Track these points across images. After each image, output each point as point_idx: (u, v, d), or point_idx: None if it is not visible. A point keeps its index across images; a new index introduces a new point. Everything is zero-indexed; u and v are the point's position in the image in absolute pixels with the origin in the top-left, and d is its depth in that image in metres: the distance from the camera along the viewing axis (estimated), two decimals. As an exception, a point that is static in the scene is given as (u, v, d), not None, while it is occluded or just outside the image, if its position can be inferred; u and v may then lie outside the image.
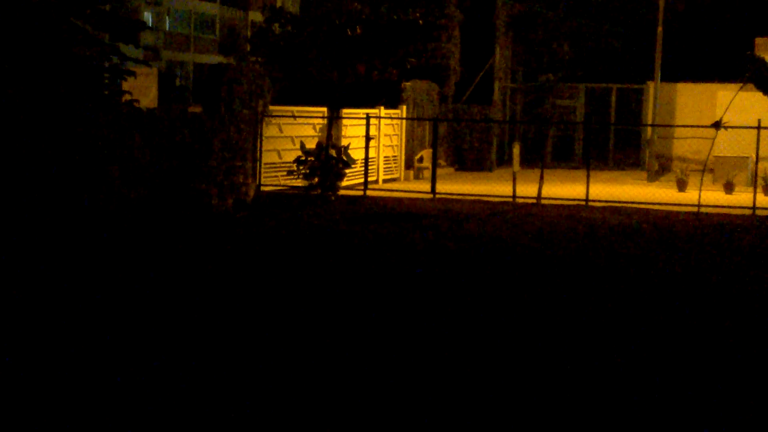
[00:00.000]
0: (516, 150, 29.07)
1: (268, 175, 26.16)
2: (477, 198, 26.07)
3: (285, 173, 25.86)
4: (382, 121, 30.51)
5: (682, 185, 29.22)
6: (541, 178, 25.99)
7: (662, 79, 35.82)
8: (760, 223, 22.04)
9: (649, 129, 35.66)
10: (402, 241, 18.17)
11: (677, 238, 19.24)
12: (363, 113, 28.16)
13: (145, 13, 62.43)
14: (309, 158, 24.64)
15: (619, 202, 24.96)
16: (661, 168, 34.61)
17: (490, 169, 36.99)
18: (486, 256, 16.88)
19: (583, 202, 24.66)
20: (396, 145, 32.54)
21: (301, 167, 24.87)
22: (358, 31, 26.08)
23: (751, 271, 15.46)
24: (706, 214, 23.04)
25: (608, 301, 12.88)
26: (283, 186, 26.06)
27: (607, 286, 14.21)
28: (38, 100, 17.90)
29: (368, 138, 27.80)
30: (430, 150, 31.15)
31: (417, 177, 32.49)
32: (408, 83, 32.93)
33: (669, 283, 14.48)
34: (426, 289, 13.63)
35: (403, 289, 13.55)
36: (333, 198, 24.62)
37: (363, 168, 27.86)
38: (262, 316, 11.68)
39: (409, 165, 33.10)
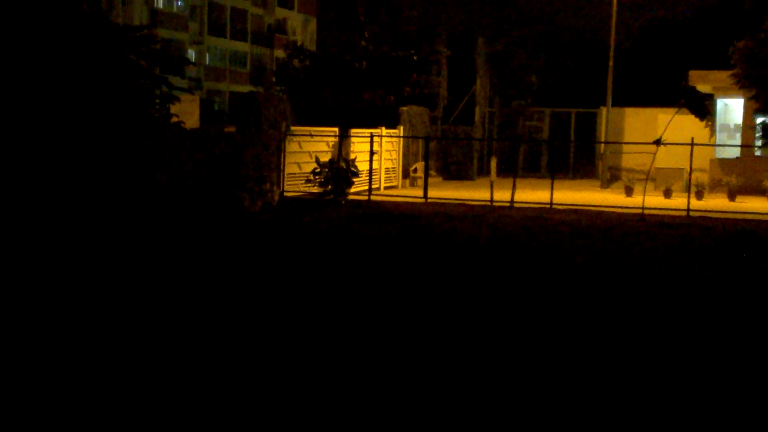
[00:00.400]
0: (493, 163, 29.54)
1: (290, 183, 26.26)
2: (461, 202, 26.50)
3: (304, 181, 26.03)
4: (383, 138, 30.67)
5: (629, 191, 29.52)
6: (514, 185, 26.32)
7: (613, 105, 35.80)
8: (691, 221, 22.43)
9: (602, 145, 36.01)
10: (400, 236, 18.40)
11: (624, 233, 19.73)
12: (367, 132, 28.36)
13: (190, 50, 61.17)
14: (323, 169, 24.99)
15: (577, 205, 25.56)
16: (612, 177, 34.73)
17: (472, 179, 37.12)
18: (467, 245, 17.35)
19: (548, 205, 25.11)
20: (394, 159, 32.69)
21: (316, 177, 25.14)
22: (364, 65, 27.27)
23: (676, 256, 16.13)
24: (649, 214, 23.37)
25: (563, 275, 13.87)
26: (302, 192, 26.19)
27: (563, 267, 14.92)
28: (102, 120, 17.87)
29: (372, 153, 27.75)
30: (423, 162, 31.68)
31: (412, 185, 32.54)
32: (404, 108, 32.93)
33: (611, 263, 15.16)
34: (422, 272, 14.08)
35: (403, 272, 14.00)
36: (343, 202, 24.90)
37: (368, 177, 27.89)
38: (288, 290, 12.20)
39: (405, 175, 33.21)
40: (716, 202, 27.16)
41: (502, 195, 26.27)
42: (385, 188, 30.74)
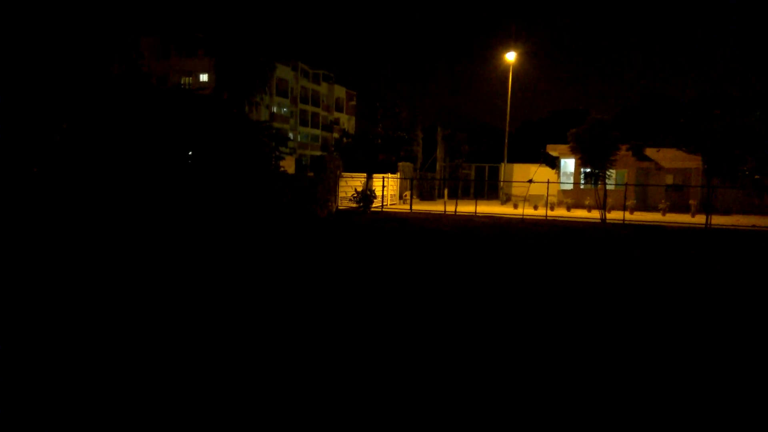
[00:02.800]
0: (446, 191, 30.38)
1: (341, 201, 25.86)
2: (429, 211, 26.19)
3: (348, 200, 25.80)
4: (389, 179, 30.13)
5: (516, 206, 29.04)
6: (456, 203, 26.86)
7: (508, 161, 35.71)
8: (548, 221, 22.41)
9: (502, 182, 35.65)
10: (398, 226, 18.47)
11: (512, 226, 19.59)
12: (381, 176, 28.16)
13: (290, 134, 62.46)
14: (358, 194, 24.97)
15: (489, 214, 25.66)
16: (507, 199, 34.19)
17: (434, 199, 36.22)
18: (433, 230, 17.17)
19: (474, 213, 25.19)
20: (395, 189, 31.93)
21: (354, 198, 25.13)
22: (379, 141, 28.00)
23: (538, 236, 16.23)
24: (526, 218, 23.58)
25: (483, 242, 13.80)
26: (347, 206, 25.80)
27: (483, 238, 14.77)
28: (247, 170, 17.74)
29: (383, 186, 27.97)
30: (409, 191, 31.74)
31: (404, 202, 31.70)
32: (400, 163, 32.72)
33: (507, 237, 15.09)
34: (410, 241, 14.28)
35: (401, 241, 14.22)
36: (368, 212, 24.71)
37: (381, 199, 27.72)
38: (341, 249, 12.49)
39: (400, 197, 32.70)
40: (560, 212, 27.32)
41: (450, 208, 26.65)
42: (390, 204, 30.44)
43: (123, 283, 8.25)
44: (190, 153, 16.18)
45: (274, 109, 63.06)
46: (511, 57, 33.43)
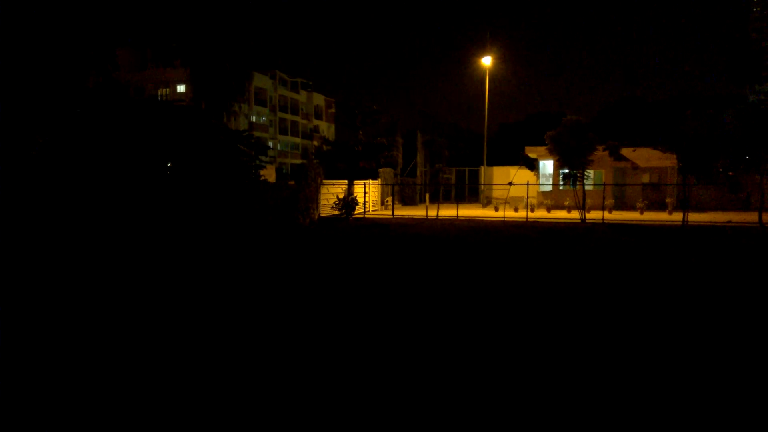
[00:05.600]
0: (427, 196, 30.66)
1: (323, 208, 25.71)
2: (411, 216, 26.38)
3: (330, 207, 25.55)
4: (371, 186, 30.19)
5: (497, 209, 29.23)
6: (438, 207, 27.01)
7: (488, 165, 35.72)
8: (528, 222, 22.52)
9: (482, 186, 35.92)
10: (380, 232, 18.58)
11: (494, 229, 19.70)
12: (362, 183, 28.07)
13: (270, 142, 61.74)
14: (340, 201, 24.84)
15: (470, 217, 25.80)
16: (488, 202, 34.36)
17: (416, 204, 36.74)
18: (416, 235, 17.18)
19: (456, 217, 25.30)
20: (377, 195, 32.20)
21: (336, 205, 24.97)
22: (359, 148, 27.91)
23: (520, 236, 16.27)
24: (507, 220, 23.76)
25: (465, 243, 13.77)
26: (329, 214, 25.60)
27: (466, 240, 14.76)
28: (226, 179, 17.52)
29: (364, 193, 27.80)
30: (391, 197, 31.77)
31: (386, 208, 31.95)
32: (381, 169, 32.48)
33: (488, 239, 15.04)
34: (392, 246, 14.19)
35: (383, 246, 14.12)
36: (350, 219, 24.64)
37: (363, 205, 27.57)
38: (323, 253, 12.32)
39: (382, 203, 32.78)
40: (540, 213, 27.56)
41: (432, 212, 26.70)
42: (372, 211, 30.33)
43: (102, 295, 8.15)
44: (169, 164, 16.03)
45: (253, 118, 62.75)
46: (487, 62, 33.70)
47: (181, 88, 53.60)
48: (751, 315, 7.24)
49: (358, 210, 27.07)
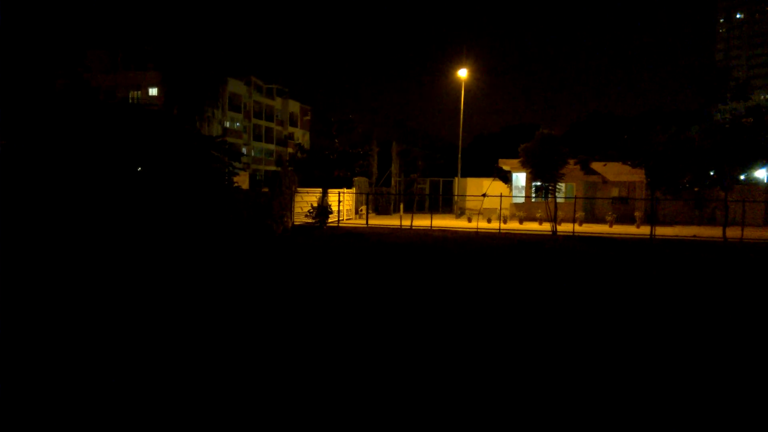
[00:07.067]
0: (401, 206, 31.07)
1: (297, 216, 25.51)
2: (385, 225, 26.42)
3: (304, 216, 25.42)
4: (345, 194, 30.14)
5: (470, 220, 29.26)
6: (412, 217, 27.05)
7: (462, 176, 36.02)
8: (501, 234, 22.70)
9: (456, 197, 35.77)
10: (355, 241, 18.56)
11: (467, 239, 19.75)
12: (336, 191, 27.85)
13: (243, 149, 60.99)
14: (314, 209, 24.84)
15: (444, 227, 25.91)
16: (461, 213, 34.26)
17: (390, 214, 36.39)
18: (390, 244, 17.18)
19: (429, 227, 25.40)
20: (351, 204, 31.97)
21: (310, 213, 24.93)
22: (334, 156, 27.79)
23: (492, 247, 16.38)
24: (481, 231, 23.90)
25: (440, 253, 13.78)
26: (303, 222, 25.45)
27: (440, 250, 14.75)
28: (198, 185, 17.38)
29: (339, 201, 27.75)
30: (365, 206, 31.82)
31: (360, 217, 32.12)
32: (355, 178, 32.45)
33: (463, 249, 15.05)
34: (367, 255, 14.20)
35: (358, 255, 14.11)
36: (324, 227, 24.64)
37: (337, 214, 27.53)
38: (296, 263, 12.24)
39: (356, 212, 32.75)
40: (513, 225, 27.73)
41: (406, 222, 26.82)
42: (346, 219, 30.20)
43: (66, 300, 7.94)
44: (139, 168, 15.84)
45: (227, 124, 62.12)
46: (462, 74, 34.12)
47: (153, 92, 52.79)
48: (707, 323, 7.38)
49: (332, 218, 26.91)
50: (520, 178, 34.28)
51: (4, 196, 11.73)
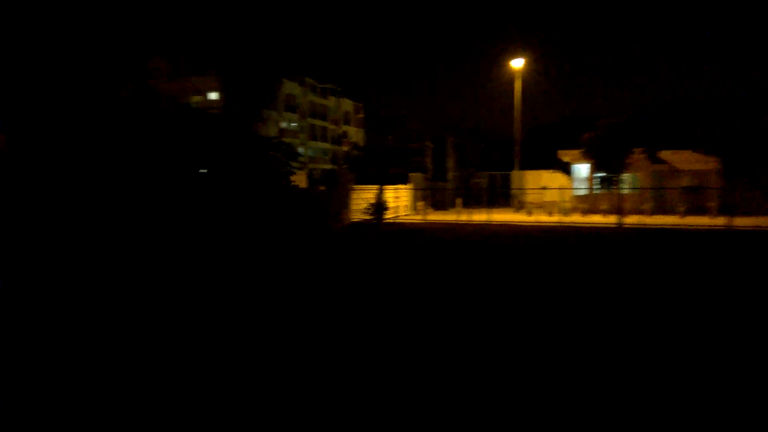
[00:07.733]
0: (458, 200, 30.20)
1: (354, 214, 25.69)
2: (443, 221, 26.34)
3: (361, 213, 25.76)
4: (401, 190, 30.45)
5: (529, 213, 29.05)
6: (470, 212, 27.09)
7: (519, 168, 35.17)
8: (562, 227, 22.23)
9: (514, 190, 35.62)
10: (412, 236, 18.56)
11: (527, 234, 19.53)
12: (393, 188, 28.06)
13: (300, 148, 62.63)
14: (371, 206, 25.23)
15: (503, 222, 25.61)
16: (520, 207, 33.64)
17: (447, 209, 36.06)
18: (447, 240, 17.06)
19: (488, 222, 25.25)
20: (408, 200, 32.20)
21: (367, 210, 25.33)
22: (388, 153, 28.09)
23: (556, 240, 15.97)
24: (542, 225, 23.46)
25: (499, 247, 13.45)
26: (360, 219, 25.68)
27: (499, 245, 14.45)
28: (259, 184, 17.88)
29: (396, 198, 28.08)
30: (422, 201, 31.60)
31: (417, 212, 31.75)
32: (411, 174, 32.71)
33: (522, 243, 14.78)
34: (424, 250, 14.00)
35: (414, 250, 13.90)
36: (380, 223, 24.89)
37: (394, 210, 27.74)
38: (356, 256, 12.23)
39: (413, 208, 32.72)
40: (575, 218, 27.12)
41: (464, 217, 26.76)
42: (403, 215, 30.30)
43: (136, 293, 8.18)
44: (204, 170, 16.24)
45: (284, 125, 63.28)
46: (517, 64, 33.12)
47: (213, 96, 54.45)
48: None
49: (390, 215, 27.10)
50: (581, 169, 33.27)
51: (84, 196, 12.28)
